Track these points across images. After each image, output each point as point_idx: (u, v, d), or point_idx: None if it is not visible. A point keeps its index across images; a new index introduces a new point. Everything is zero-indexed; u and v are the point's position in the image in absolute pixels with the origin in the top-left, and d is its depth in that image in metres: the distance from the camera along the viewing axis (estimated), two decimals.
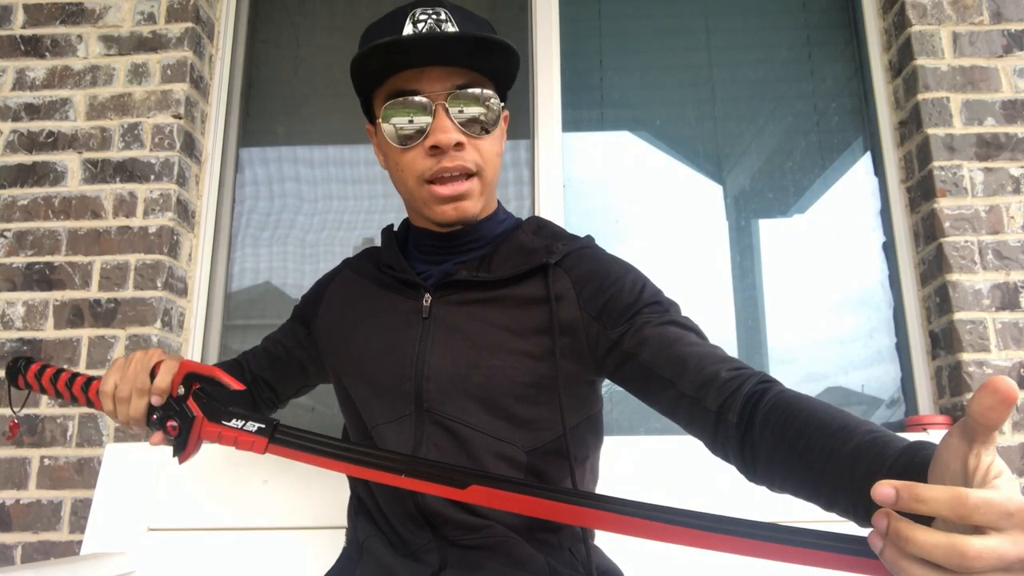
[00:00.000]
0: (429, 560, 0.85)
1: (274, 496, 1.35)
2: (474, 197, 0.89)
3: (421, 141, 0.86)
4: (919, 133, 1.73)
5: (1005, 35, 1.75)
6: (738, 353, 1.81)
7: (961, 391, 1.57)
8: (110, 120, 1.80)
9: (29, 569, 1.07)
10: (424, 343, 0.90)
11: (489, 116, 0.87)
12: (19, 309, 1.70)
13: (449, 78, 0.85)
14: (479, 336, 0.88)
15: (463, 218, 0.90)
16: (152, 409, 0.85)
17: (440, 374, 0.88)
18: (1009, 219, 1.65)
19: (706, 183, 1.94)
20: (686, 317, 0.88)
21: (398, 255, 0.97)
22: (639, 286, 0.89)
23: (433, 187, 0.87)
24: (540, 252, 0.91)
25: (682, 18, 2.03)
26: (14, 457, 1.61)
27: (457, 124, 0.85)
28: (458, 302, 0.91)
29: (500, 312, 0.89)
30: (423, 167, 0.87)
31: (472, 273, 0.91)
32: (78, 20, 1.86)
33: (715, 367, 0.77)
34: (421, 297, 0.92)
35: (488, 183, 0.91)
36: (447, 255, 0.96)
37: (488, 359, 0.87)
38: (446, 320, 0.90)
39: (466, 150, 0.86)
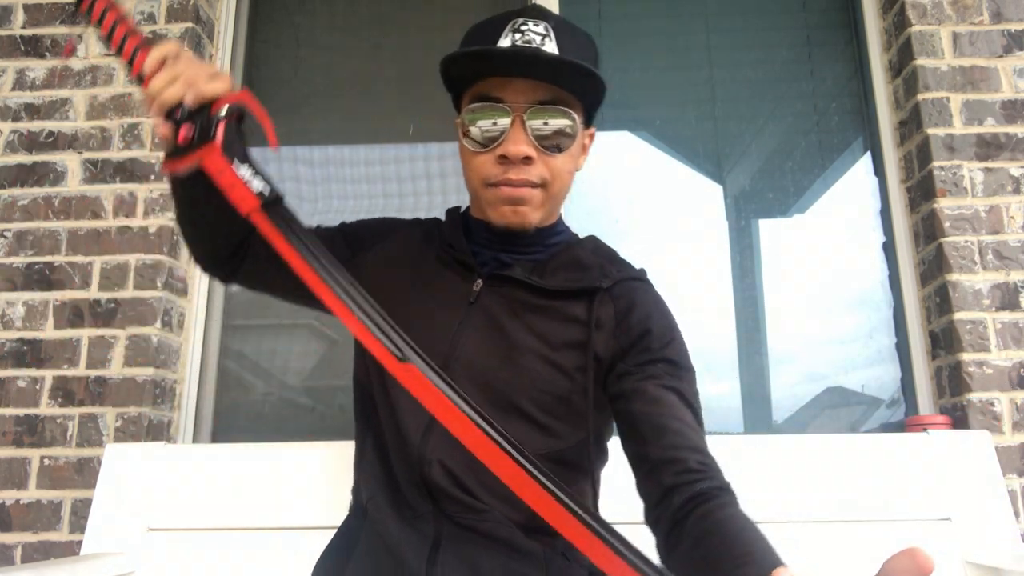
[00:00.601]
0: (426, 531, 0.86)
1: (274, 496, 1.35)
2: (534, 205, 0.90)
3: (493, 148, 0.88)
4: (919, 133, 1.73)
5: (1005, 35, 1.75)
6: (738, 353, 1.81)
7: (961, 391, 1.57)
8: (110, 120, 1.80)
9: (29, 569, 1.07)
10: (463, 326, 0.91)
11: (566, 134, 0.88)
12: (19, 309, 1.70)
13: (534, 92, 0.86)
14: (516, 336, 0.90)
15: (521, 223, 0.91)
16: (181, 105, 0.78)
17: (469, 359, 0.89)
18: (1009, 219, 1.65)
19: (706, 183, 1.94)
20: (694, 391, 0.90)
21: (461, 237, 0.98)
22: (667, 340, 0.91)
23: (497, 188, 0.89)
24: (594, 273, 0.93)
25: (682, 18, 2.03)
26: (14, 457, 1.61)
27: (531, 138, 0.87)
28: (506, 297, 0.92)
29: (542, 320, 0.91)
30: (490, 173, 0.89)
31: (526, 275, 0.92)
32: (78, 20, 1.86)
33: (687, 453, 0.80)
34: (472, 281, 0.94)
35: (552, 197, 0.92)
36: (498, 242, 0.97)
37: (518, 359, 0.89)
38: (490, 311, 0.92)
39: (534, 164, 0.87)
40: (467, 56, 0.87)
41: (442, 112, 1.10)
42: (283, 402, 1.84)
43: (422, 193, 1.93)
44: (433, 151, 1.94)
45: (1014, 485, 1.50)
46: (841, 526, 1.28)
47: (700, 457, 0.80)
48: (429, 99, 1.95)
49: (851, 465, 1.33)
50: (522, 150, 0.86)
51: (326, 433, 1.77)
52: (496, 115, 0.87)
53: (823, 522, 1.29)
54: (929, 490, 1.30)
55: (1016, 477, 1.51)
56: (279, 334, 1.90)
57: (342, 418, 1.81)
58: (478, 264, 0.95)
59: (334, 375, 1.84)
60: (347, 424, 1.79)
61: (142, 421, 1.61)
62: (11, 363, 1.66)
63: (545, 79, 0.87)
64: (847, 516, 1.29)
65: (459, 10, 2.03)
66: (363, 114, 1.97)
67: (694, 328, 1.80)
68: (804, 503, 1.30)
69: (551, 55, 0.86)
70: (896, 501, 1.29)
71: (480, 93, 0.89)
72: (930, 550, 0.46)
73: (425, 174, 1.94)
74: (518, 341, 0.89)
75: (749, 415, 1.77)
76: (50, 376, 1.65)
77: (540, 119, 0.87)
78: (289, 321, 1.90)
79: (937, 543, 1.25)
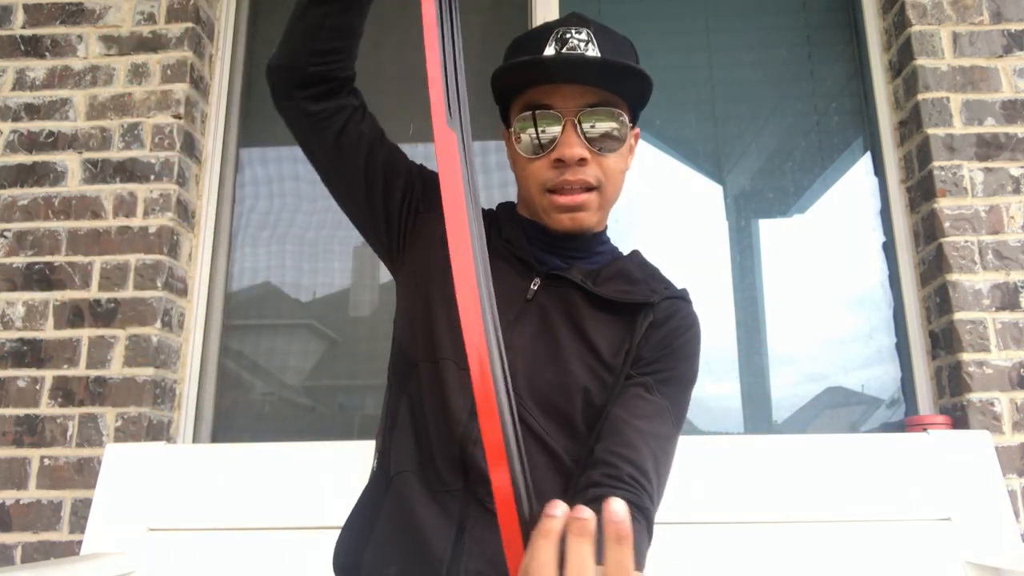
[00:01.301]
0: (452, 510, 0.86)
1: (274, 496, 1.35)
2: (591, 209, 0.93)
3: (548, 153, 0.90)
4: (919, 133, 1.73)
5: (1005, 35, 1.75)
6: (738, 353, 1.81)
7: (961, 391, 1.57)
8: (110, 120, 1.80)
9: (29, 569, 1.07)
10: (517, 322, 0.92)
11: (616, 135, 0.92)
12: (19, 309, 1.70)
13: (582, 96, 0.90)
14: (566, 341, 0.91)
15: (580, 229, 0.94)
16: None
17: (520, 355, 0.90)
18: (1009, 219, 1.65)
19: (706, 183, 1.94)
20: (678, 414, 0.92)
21: (521, 235, 0.99)
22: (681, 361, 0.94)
23: (554, 196, 0.92)
24: (643, 288, 0.96)
25: (682, 18, 2.03)
26: (14, 457, 1.61)
27: (583, 140, 0.89)
28: (561, 299, 0.94)
29: (591, 327, 0.92)
30: (546, 177, 0.91)
31: (582, 278, 0.94)
32: (78, 20, 1.86)
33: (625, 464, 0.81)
34: (531, 279, 0.95)
35: (607, 199, 0.95)
36: (550, 246, 0.99)
37: (565, 364, 0.90)
38: (544, 310, 0.93)
39: (589, 165, 0.90)
40: (516, 67, 0.90)
41: None
42: (283, 402, 1.84)
43: None
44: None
45: (1014, 485, 1.50)
46: (841, 526, 1.28)
47: (635, 473, 0.81)
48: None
49: (851, 465, 1.33)
50: (577, 152, 0.88)
51: (326, 433, 1.78)
52: (547, 121, 0.90)
53: (823, 522, 1.29)
54: (929, 490, 1.30)
55: (1016, 477, 1.51)
56: (279, 334, 1.90)
57: (342, 418, 1.81)
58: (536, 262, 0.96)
59: (334, 375, 1.84)
60: (347, 424, 1.80)
61: (142, 421, 1.61)
62: (11, 363, 1.66)
63: (591, 83, 0.90)
64: (847, 516, 1.29)
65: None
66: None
67: None
68: (804, 503, 1.30)
69: (596, 58, 0.90)
70: (896, 501, 1.29)
71: (530, 102, 0.91)
72: (930, 550, 0.46)
73: None
74: (567, 346, 0.91)
75: (749, 415, 1.77)
76: (50, 376, 1.65)
77: (590, 122, 0.90)
78: (289, 321, 1.90)
79: (937, 543, 1.25)
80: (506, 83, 0.95)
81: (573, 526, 0.44)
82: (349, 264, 1.91)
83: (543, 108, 0.90)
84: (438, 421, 0.89)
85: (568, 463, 0.89)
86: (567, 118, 0.89)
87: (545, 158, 0.91)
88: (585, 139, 0.90)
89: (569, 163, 0.89)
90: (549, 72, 0.90)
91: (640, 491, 0.80)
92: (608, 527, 0.43)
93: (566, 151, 0.89)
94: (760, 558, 1.27)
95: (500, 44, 1.02)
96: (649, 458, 0.84)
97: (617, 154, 0.93)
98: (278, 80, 0.99)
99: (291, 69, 0.97)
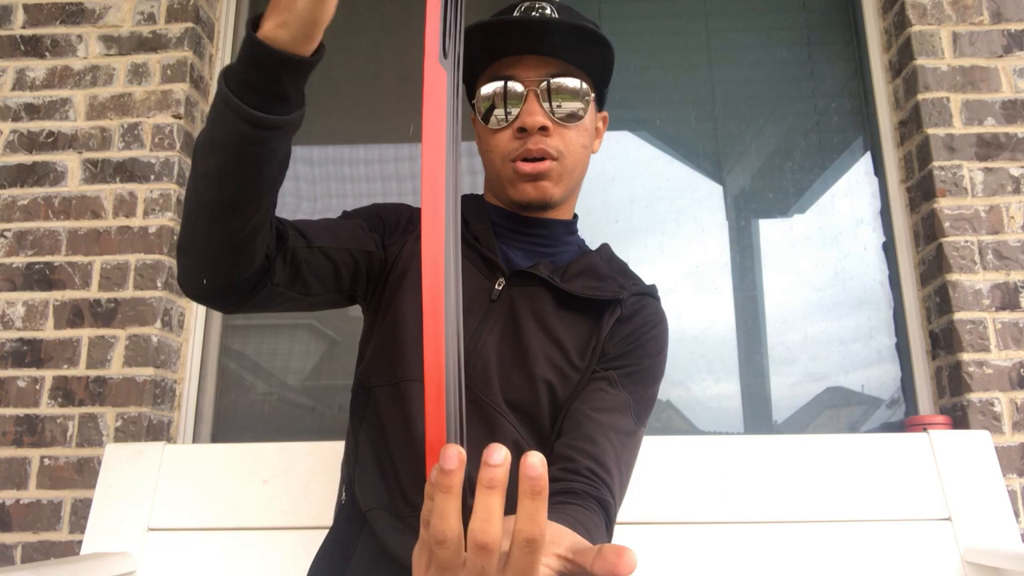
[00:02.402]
0: None
1: (274, 496, 1.35)
2: (553, 179, 0.92)
3: (511, 124, 0.91)
4: (919, 133, 1.73)
5: (1005, 35, 1.75)
6: (738, 353, 1.81)
7: (961, 391, 1.57)
8: (110, 120, 1.80)
9: (29, 569, 1.07)
10: (484, 323, 0.91)
11: (577, 103, 0.91)
12: (19, 309, 1.70)
13: (544, 67, 0.90)
14: (534, 339, 0.90)
15: (543, 197, 0.93)
16: None
17: (489, 358, 0.89)
18: (1009, 219, 1.65)
19: (706, 183, 1.94)
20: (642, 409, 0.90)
21: (490, 231, 0.97)
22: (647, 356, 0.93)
23: (517, 164, 0.91)
24: (612, 284, 0.95)
25: (682, 18, 2.03)
26: (14, 457, 1.61)
27: (545, 110, 0.90)
28: (527, 297, 0.93)
29: (559, 325, 0.92)
30: (509, 148, 0.91)
31: (549, 274, 0.93)
32: (78, 20, 1.86)
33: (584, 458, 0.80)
34: (495, 279, 0.94)
35: (568, 170, 0.93)
36: (518, 239, 0.98)
37: (532, 367, 0.89)
38: (511, 310, 0.92)
39: (551, 135, 0.90)
40: (477, 30, 0.89)
41: None
42: (283, 402, 1.84)
43: None
44: None
45: (1014, 485, 1.50)
46: (841, 526, 1.28)
47: (594, 466, 0.80)
48: None
49: (851, 465, 1.33)
50: (538, 120, 0.89)
51: (326, 433, 1.78)
52: (510, 91, 0.90)
53: (823, 522, 1.29)
54: (929, 490, 1.30)
55: (1016, 477, 1.51)
56: (279, 334, 1.90)
57: (342, 418, 1.80)
58: (501, 260, 0.95)
59: (334, 375, 1.84)
60: (347, 424, 1.80)
61: (142, 421, 1.61)
62: (11, 363, 1.66)
63: (555, 52, 0.90)
64: (847, 516, 1.29)
65: None
66: (363, 114, 1.98)
67: (694, 328, 1.80)
68: (804, 503, 1.30)
69: (557, 19, 0.89)
70: (896, 501, 1.29)
71: (494, 74, 0.92)
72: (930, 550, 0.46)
73: None
74: (533, 345, 0.90)
75: (749, 415, 1.77)
76: (50, 376, 1.65)
77: (552, 91, 0.90)
78: (289, 321, 1.90)
79: (937, 543, 1.25)
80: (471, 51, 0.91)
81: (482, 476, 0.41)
82: None
83: (506, 79, 0.90)
84: (402, 443, 0.87)
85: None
86: (529, 88, 0.90)
87: (508, 128, 0.91)
88: (546, 109, 0.90)
89: (531, 131, 0.89)
90: (511, 38, 0.90)
91: (599, 484, 0.79)
92: (524, 481, 0.41)
93: (527, 119, 0.89)
94: (760, 558, 1.27)
95: None
96: (609, 451, 0.82)
97: (579, 127, 0.93)
98: (216, 301, 0.81)
99: (228, 288, 0.77)
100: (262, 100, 0.65)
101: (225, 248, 0.73)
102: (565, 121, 0.91)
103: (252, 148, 0.66)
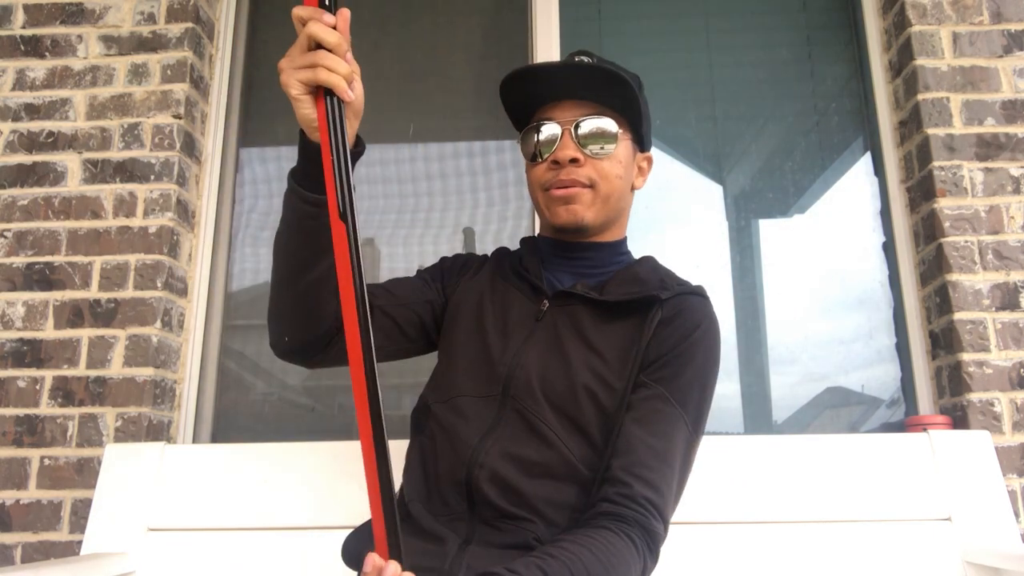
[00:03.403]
0: (459, 529, 0.91)
1: (274, 496, 1.35)
2: (584, 203, 1.02)
3: (546, 159, 1.03)
4: (919, 133, 1.73)
5: (1005, 35, 1.75)
6: (738, 353, 1.81)
7: (961, 391, 1.57)
8: (110, 120, 1.80)
9: (29, 569, 1.07)
10: (528, 340, 1.00)
11: (606, 139, 1.02)
12: (19, 309, 1.70)
13: (579, 109, 1.02)
14: (574, 354, 0.96)
15: (575, 220, 1.02)
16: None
17: (531, 371, 0.96)
18: (1009, 219, 1.65)
19: (706, 183, 1.94)
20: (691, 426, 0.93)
21: (537, 262, 1.09)
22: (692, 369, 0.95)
23: (551, 191, 1.03)
24: (652, 285, 1.01)
25: (682, 18, 2.03)
26: (14, 457, 1.61)
27: (577, 144, 1.01)
28: (569, 315, 1.01)
29: (600, 334, 0.98)
30: (545, 178, 1.03)
31: (586, 290, 1.01)
32: (78, 20, 1.86)
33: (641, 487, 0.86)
34: (541, 302, 1.04)
35: (602, 196, 1.02)
36: (566, 264, 1.08)
37: (574, 377, 0.94)
38: (553, 328, 1.00)
39: (582, 166, 1.01)
40: (515, 79, 1.03)
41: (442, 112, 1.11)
42: (283, 402, 1.84)
43: (422, 194, 1.93)
44: (433, 151, 1.94)
45: (1014, 485, 1.50)
46: (841, 526, 1.28)
47: (649, 494, 0.86)
48: (429, 99, 1.96)
49: (851, 465, 1.33)
50: (569, 153, 1.00)
51: (326, 433, 1.78)
52: (547, 130, 1.03)
53: (823, 522, 1.29)
54: (929, 490, 1.30)
55: (1016, 477, 1.51)
56: None
57: (342, 418, 1.81)
58: (547, 286, 1.04)
59: (334, 375, 1.84)
60: (347, 424, 1.80)
61: (142, 421, 1.61)
62: (11, 363, 1.66)
63: (588, 96, 1.01)
64: (847, 516, 1.29)
65: (460, 11, 2.03)
66: (363, 114, 1.97)
67: None
68: (804, 503, 1.30)
69: (589, 64, 0.99)
70: (896, 501, 1.29)
71: (535, 119, 1.05)
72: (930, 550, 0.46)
73: (425, 175, 1.94)
74: (575, 358, 0.96)
75: (749, 415, 1.77)
76: (50, 376, 1.65)
77: (583, 129, 1.01)
78: None
79: (937, 543, 1.25)
80: (512, 102, 1.07)
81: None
82: None
83: (544, 120, 1.03)
84: (446, 451, 0.96)
85: (585, 473, 0.92)
86: (565, 128, 1.01)
87: (545, 162, 1.03)
88: (578, 143, 1.01)
89: (563, 163, 1.01)
90: (546, 84, 1.03)
91: (651, 513, 0.85)
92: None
93: (560, 153, 1.01)
94: (760, 558, 1.27)
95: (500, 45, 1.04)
96: (664, 477, 0.88)
97: (612, 159, 1.02)
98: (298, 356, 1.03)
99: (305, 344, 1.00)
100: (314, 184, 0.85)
101: (298, 310, 0.95)
102: (594, 154, 1.01)
103: (309, 222, 0.87)
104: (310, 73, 0.77)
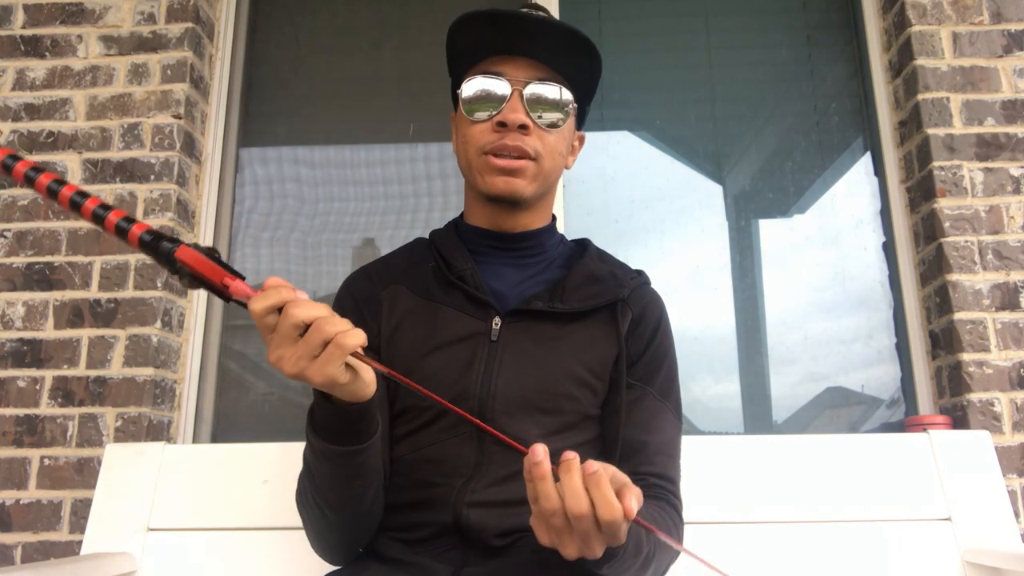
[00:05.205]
0: (452, 558, 0.85)
1: (274, 496, 1.35)
2: (527, 177, 0.92)
3: (492, 117, 0.91)
4: (919, 133, 1.73)
5: (1005, 35, 1.75)
6: (738, 353, 1.81)
7: (961, 391, 1.57)
8: (110, 120, 1.80)
9: (29, 569, 1.07)
10: (492, 365, 0.90)
11: (559, 110, 0.93)
12: (19, 309, 1.70)
13: (533, 70, 0.92)
14: (548, 363, 0.90)
15: (513, 192, 0.92)
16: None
17: (507, 396, 0.88)
18: (1009, 219, 1.65)
19: (706, 183, 1.94)
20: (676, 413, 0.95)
21: (474, 268, 0.95)
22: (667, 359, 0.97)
23: (490, 157, 0.91)
24: (610, 284, 0.95)
25: (682, 18, 2.03)
26: (14, 457, 1.61)
27: (527, 110, 0.91)
28: (529, 329, 0.92)
29: (570, 343, 0.92)
30: (486, 140, 0.92)
31: (547, 304, 0.92)
32: (78, 20, 1.86)
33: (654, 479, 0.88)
34: (490, 318, 0.92)
35: (544, 172, 0.93)
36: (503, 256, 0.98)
37: (555, 386, 0.90)
38: (515, 345, 0.91)
39: (530, 135, 0.91)
40: (475, 18, 0.92)
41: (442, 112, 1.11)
42: (283, 402, 1.84)
43: (422, 194, 1.93)
44: (433, 151, 1.94)
45: (1014, 485, 1.50)
46: (841, 526, 1.28)
47: (662, 483, 0.89)
48: (429, 99, 1.95)
49: (851, 465, 1.33)
50: (519, 117, 0.90)
51: None
52: (495, 85, 0.91)
53: (823, 522, 1.29)
54: (929, 490, 1.30)
55: (1016, 477, 1.51)
56: None
57: None
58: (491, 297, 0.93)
59: None
60: None
61: (142, 421, 1.61)
62: (11, 363, 1.66)
63: (544, 57, 0.91)
64: (847, 516, 1.29)
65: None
66: (363, 114, 1.98)
67: (694, 328, 1.80)
68: (804, 503, 1.30)
69: (556, 22, 0.91)
70: (896, 501, 1.29)
71: (480, 70, 0.93)
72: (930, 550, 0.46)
73: (425, 175, 1.94)
74: (552, 369, 0.90)
75: (749, 415, 1.77)
76: (50, 376, 1.65)
77: (536, 93, 0.91)
78: None
79: (937, 543, 1.25)
80: (460, 45, 0.96)
81: (534, 472, 0.58)
82: (349, 265, 1.91)
83: (493, 74, 0.92)
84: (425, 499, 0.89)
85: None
86: (515, 87, 0.91)
87: (488, 122, 0.92)
88: (529, 109, 0.91)
89: (511, 127, 0.90)
90: (503, 32, 0.91)
91: (669, 495, 0.89)
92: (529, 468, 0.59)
93: (509, 115, 0.90)
94: (760, 558, 1.27)
95: None
96: (670, 465, 0.91)
97: (559, 134, 0.94)
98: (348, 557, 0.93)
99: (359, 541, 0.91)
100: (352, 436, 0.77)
101: (360, 538, 0.89)
102: (545, 124, 0.92)
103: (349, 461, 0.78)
104: (336, 351, 0.65)
